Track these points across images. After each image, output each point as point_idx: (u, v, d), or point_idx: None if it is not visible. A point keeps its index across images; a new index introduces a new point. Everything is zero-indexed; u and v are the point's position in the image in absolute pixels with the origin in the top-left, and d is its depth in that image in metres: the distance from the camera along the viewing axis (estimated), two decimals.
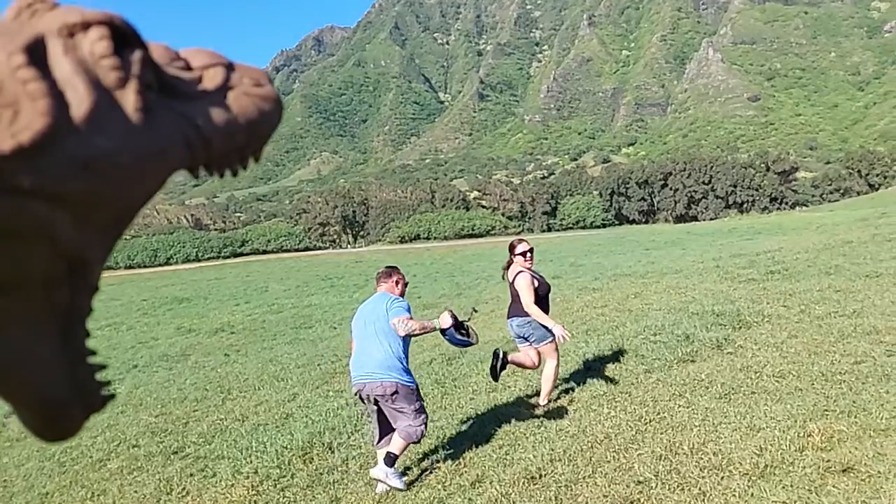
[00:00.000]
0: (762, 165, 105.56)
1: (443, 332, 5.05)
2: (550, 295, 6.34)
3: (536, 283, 5.99)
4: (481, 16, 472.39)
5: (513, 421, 5.77)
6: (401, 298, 5.06)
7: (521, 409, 6.06)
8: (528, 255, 6.07)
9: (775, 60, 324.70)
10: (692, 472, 4.07)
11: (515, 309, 6.07)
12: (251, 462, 5.76)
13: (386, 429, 4.95)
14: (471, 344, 5.21)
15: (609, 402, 5.80)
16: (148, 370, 13.48)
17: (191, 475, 5.91)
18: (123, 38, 0.43)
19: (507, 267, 6.28)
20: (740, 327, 7.84)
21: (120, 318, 25.35)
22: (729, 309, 8.82)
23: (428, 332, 4.94)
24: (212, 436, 7.23)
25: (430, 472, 4.95)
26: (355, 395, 4.98)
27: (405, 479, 4.91)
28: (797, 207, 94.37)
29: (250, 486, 5.22)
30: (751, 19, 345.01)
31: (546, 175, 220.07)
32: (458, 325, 5.06)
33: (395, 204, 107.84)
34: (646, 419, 5.19)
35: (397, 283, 5.23)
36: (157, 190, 0.42)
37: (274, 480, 5.28)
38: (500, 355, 6.09)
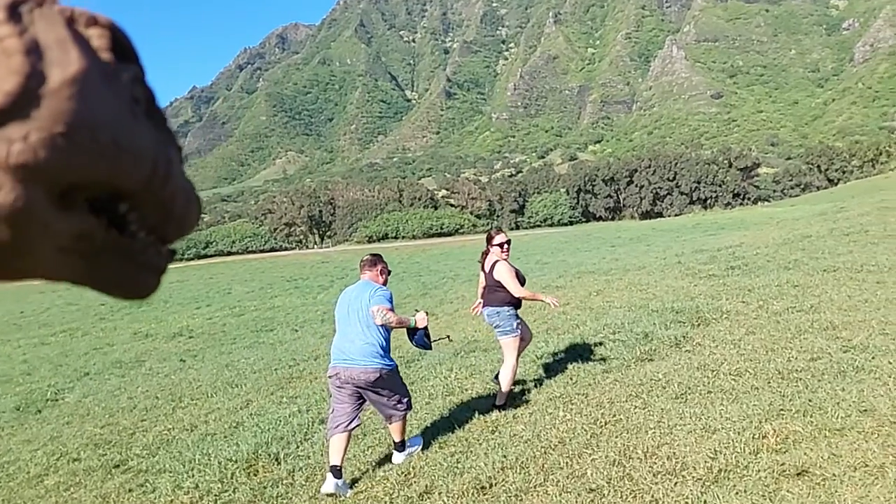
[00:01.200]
0: (725, 162, 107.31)
1: (413, 330, 5.19)
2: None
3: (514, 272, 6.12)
4: (447, 13, 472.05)
5: (467, 426, 5.59)
6: (384, 288, 5.11)
7: (476, 413, 5.87)
8: (505, 246, 6.14)
9: (737, 58, 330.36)
10: (645, 478, 3.93)
11: (489, 299, 6.12)
12: (193, 476, 5.49)
13: (347, 415, 4.94)
14: (429, 349, 5.51)
15: (565, 404, 5.65)
16: (100, 378, 13.02)
17: (129, 491, 5.61)
18: (122, 51, 0.42)
19: (484, 256, 6.33)
20: (699, 324, 7.77)
21: (76, 323, 24.65)
22: (688, 306, 8.77)
23: (403, 326, 5.07)
24: (157, 447, 6.92)
25: (378, 483, 4.74)
26: (331, 376, 5.02)
27: (352, 490, 4.72)
28: (759, 203, 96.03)
29: (189, 503, 4.95)
30: (713, 17, 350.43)
31: (514, 173, 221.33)
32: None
33: (362, 203, 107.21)
34: (601, 422, 5.05)
35: (381, 272, 5.27)
36: (113, 189, 0.41)
37: (214, 496, 5.02)
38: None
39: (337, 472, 4.75)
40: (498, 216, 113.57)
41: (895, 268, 9.32)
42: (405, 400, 5.07)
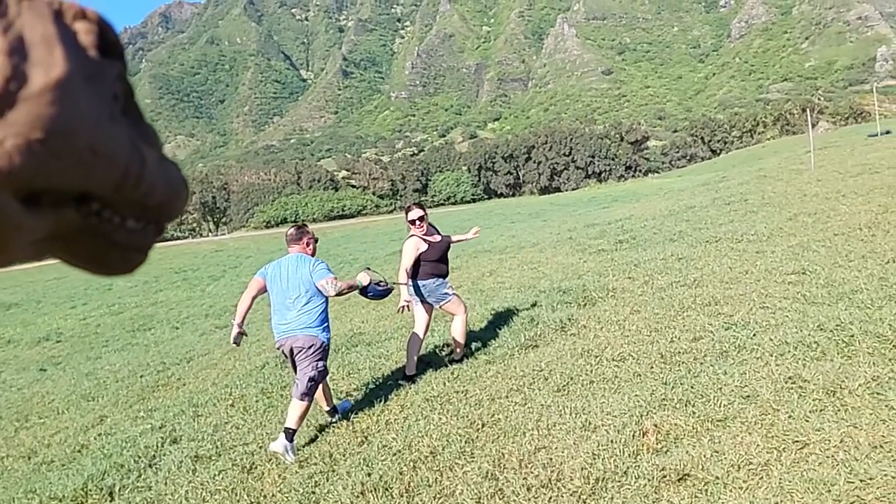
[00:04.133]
0: (617, 136, 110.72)
1: (364, 290, 5.42)
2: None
3: (426, 247, 6.13)
4: None
5: (334, 437, 5.02)
6: (319, 260, 5.27)
7: (346, 421, 5.31)
8: (418, 222, 6.15)
9: (625, 35, 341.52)
10: (518, 493, 3.50)
11: (417, 275, 6.18)
12: None
13: None
14: (390, 290, 5.66)
15: (443, 405, 5.18)
16: None
17: None
18: (109, 47, 0.41)
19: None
20: (585, 304, 7.51)
21: None
22: (576, 285, 8.52)
23: (353, 290, 5.33)
24: None
25: None
26: (278, 349, 5.35)
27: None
28: (649, 174, 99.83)
29: None
30: None
31: (416, 152, 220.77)
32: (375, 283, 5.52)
33: (258, 187, 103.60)
34: (478, 424, 4.61)
35: (307, 243, 5.40)
36: (82, 192, 0.40)
37: None
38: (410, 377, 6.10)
39: (332, 412, 5.49)
40: (401, 196, 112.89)
41: (773, 236, 9.43)
42: (321, 371, 5.13)
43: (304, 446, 4.99)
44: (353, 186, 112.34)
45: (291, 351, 5.11)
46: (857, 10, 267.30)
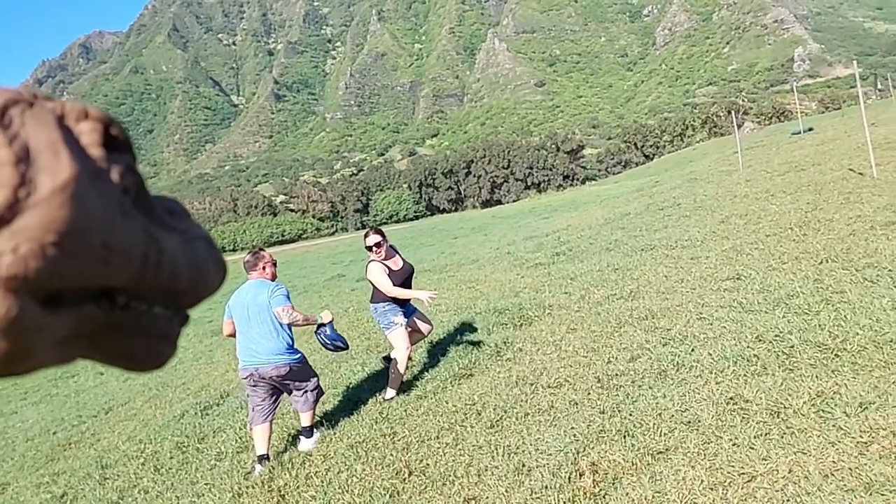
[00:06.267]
0: (553, 146, 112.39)
1: (319, 329, 5.28)
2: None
3: (387, 272, 5.98)
4: (267, 14, 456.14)
5: (248, 501, 4.52)
6: (279, 284, 5.24)
7: (264, 477, 4.82)
8: (375, 248, 5.98)
9: (554, 47, 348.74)
10: None
11: (372, 298, 6.12)
12: None
13: (266, 407, 5.16)
14: (346, 347, 5.42)
15: (368, 451, 4.75)
16: None
17: None
18: (114, 142, 0.42)
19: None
20: (521, 325, 7.20)
21: None
22: (512, 304, 8.21)
23: (310, 324, 5.19)
24: None
25: None
26: (244, 378, 5.14)
27: None
28: (587, 182, 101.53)
29: None
30: (528, 9, 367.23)
31: (355, 172, 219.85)
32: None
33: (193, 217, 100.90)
34: (404, 473, 4.20)
35: (265, 267, 5.30)
36: (103, 287, 0.40)
37: None
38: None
39: (265, 460, 5.00)
40: (342, 217, 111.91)
41: (706, 241, 9.35)
42: (315, 380, 5.27)
43: None
44: (292, 210, 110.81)
45: (262, 378, 5.03)
46: (773, 14, 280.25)
